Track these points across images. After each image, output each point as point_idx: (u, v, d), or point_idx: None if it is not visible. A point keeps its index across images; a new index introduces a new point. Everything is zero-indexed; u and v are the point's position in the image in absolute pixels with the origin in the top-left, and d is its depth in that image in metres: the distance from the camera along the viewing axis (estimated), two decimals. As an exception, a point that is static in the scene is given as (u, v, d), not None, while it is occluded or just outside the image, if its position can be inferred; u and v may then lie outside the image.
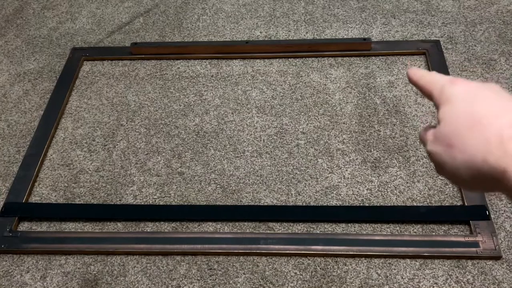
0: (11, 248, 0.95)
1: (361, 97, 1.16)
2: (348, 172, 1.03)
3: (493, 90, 0.34)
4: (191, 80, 1.25)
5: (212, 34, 1.37)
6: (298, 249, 0.91)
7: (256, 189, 1.01)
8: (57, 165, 1.09)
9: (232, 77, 1.24)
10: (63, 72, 1.29)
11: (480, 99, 0.33)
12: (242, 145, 1.09)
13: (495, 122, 0.30)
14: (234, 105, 1.18)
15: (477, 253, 0.88)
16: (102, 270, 0.92)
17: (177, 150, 1.10)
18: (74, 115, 1.19)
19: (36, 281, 0.91)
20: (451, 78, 0.37)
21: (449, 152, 0.33)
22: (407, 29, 1.32)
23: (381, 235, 0.92)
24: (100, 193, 1.03)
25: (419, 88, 0.40)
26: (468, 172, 0.32)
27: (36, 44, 1.39)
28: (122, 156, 1.10)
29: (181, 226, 0.97)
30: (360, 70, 1.22)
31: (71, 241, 0.95)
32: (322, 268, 0.89)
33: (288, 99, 1.18)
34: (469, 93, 0.34)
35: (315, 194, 1.00)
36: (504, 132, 0.30)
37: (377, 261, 0.89)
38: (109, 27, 1.42)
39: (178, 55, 1.30)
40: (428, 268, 0.88)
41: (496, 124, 0.30)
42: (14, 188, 1.04)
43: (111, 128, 1.16)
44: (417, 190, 0.99)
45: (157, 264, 0.92)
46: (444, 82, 0.36)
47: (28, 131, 1.16)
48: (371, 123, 1.11)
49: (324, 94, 1.18)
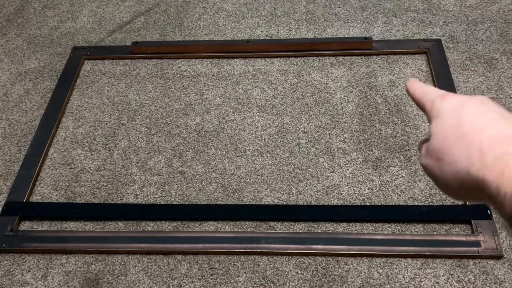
0: (12, 247, 0.95)
1: (362, 96, 1.16)
2: (349, 171, 1.02)
3: (481, 103, 0.35)
4: (192, 79, 1.25)
5: (213, 33, 1.36)
6: (299, 248, 0.91)
7: (257, 188, 1.01)
8: (58, 164, 1.09)
9: (233, 76, 1.24)
10: (64, 71, 1.29)
11: (467, 113, 0.34)
12: (243, 144, 1.09)
13: (479, 135, 0.32)
14: (235, 104, 1.18)
15: (478, 252, 0.88)
16: (103, 269, 0.92)
17: (178, 149, 1.10)
18: (75, 114, 1.19)
19: (37, 280, 0.91)
20: (442, 93, 0.38)
21: (439, 165, 0.35)
22: (409, 28, 1.31)
23: (382, 234, 0.92)
24: (101, 192, 1.03)
25: (414, 100, 0.41)
26: (456, 184, 0.34)
27: (37, 43, 1.39)
28: (123, 155, 1.10)
29: (182, 225, 0.97)
30: (361, 69, 1.22)
31: (72, 240, 0.95)
32: (323, 267, 0.89)
33: (289, 98, 1.18)
34: (457, 107, 0.35)
35: (316, 194, 1.00)
36: (484, 144, 0.31)
37: (378, 260, 0.89)
38: (110, 26, 1.42)
39: (179, 54, 1.30)
40: (430, 267, 0.88)
41: (479, 137, 0.32)
42: (15, 187, 1.04)
43: (112, 127, 1.16)
44: (418, 189, 0.98)
45: (158, 263, 0.92)
46: (435, 97, 0.38)
47: (29, 130, 1.16)
48: (372, 122, 1.11)
49: (325, 93, 1.18)
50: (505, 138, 0.31)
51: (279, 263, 0.90)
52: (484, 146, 0.31)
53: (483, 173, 0.30)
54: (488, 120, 0.33)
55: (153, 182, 1.04)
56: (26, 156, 1.10)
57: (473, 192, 0.33)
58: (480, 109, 0.34)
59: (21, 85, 1.28)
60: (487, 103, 0.35)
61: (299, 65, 1.25)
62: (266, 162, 1.06)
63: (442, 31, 1.29)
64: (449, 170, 0.33)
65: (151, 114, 1.17)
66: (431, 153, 0.36)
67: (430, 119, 0.38)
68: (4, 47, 1.39)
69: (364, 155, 1.05)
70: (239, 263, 0.91)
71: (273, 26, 1.36)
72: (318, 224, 0.95)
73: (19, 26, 1.45)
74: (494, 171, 0.30)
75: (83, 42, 1.38)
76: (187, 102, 1.19)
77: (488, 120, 0.33)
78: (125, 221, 0.98)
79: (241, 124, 1.13)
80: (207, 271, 0.90)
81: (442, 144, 0.34)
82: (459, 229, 0.92)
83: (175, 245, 0.93)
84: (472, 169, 0.31)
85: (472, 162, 0.31)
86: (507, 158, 0.30)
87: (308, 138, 1.09)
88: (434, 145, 0.35)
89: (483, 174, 0.31)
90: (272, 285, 0.88)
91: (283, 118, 1.13)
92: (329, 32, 1.33)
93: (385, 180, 1.00)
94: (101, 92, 1.24)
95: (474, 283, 0.85)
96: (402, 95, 1.15)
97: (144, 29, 1.40)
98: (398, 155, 1.04)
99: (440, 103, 0.37)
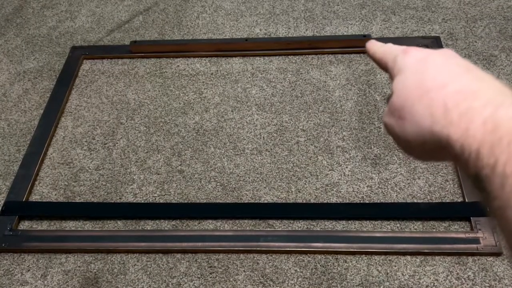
0: (12, 247, 0.95)
1: (361, 94, 1.16)
2: (348, 169, 1.02)
3: (445, 56, 0.33)
4: (191, 78, 1.25)
5: (211, 32, 1.36)
6: (298, 246, 0.91)
7: (256, 186, 1.01)
8: (57, 163, 1.09)
9: (231, 74, 1.24)
10: (63, 70, 1.29)
11: (430, 68, 0.32)
12: (242, 142, 1.09)
13: (442, 91, 0.30)
14: (234, 103, 1.17)
15: (477, 249, 0.87)
16: (103, 268, 0.92)
17: (177, 148, 1.10)
18: (74, 114, 1.19)
19: (36, 280, 0.91)
20: (404, 48, 0.36)
21: (401, 124, 0.33)
22: (407, 25, 1.31)
23: (382, 232, 0.92)
24: (100, 192, 1.03)
25: (376, 61, 0.39)
26: (419, 144, 0.32)
27: (36, 43, 1.39)
28: (122, 154, 1.10)
29: (181, 224, 0.97)
30: (360, 67, 1.22)
31: (71, 239, 0.95)
32: (322, 265, 0.89)
33: (288, 96, 1.18)
34: (420, 62, 0.33)
35: (315, 192, 1.00)
36: (448, 101, 0.29)
37: (377, 258, 0.89)
38: (109, 25, 1.42)
39: (178, 53, 1.30)
40: (429, 264, 0.88)
41: (442, 94, 0.30)
42: (14, 187, 1.04)
43: (111, 126, 1.16)
44: (417, 186, 0.98)
45: (157, 262, 0.92)
46: (398, 52, 0.36)
47: (28, 130, 1.17)
48: (371, 120, 1.11)
49: (324, 91, 1.17)
50: (470, 92, 0.29)
51: (278, 261, 0.90)
52: (448, 103, 0.29)
53: (447, 131, 0.28)
54: (452, 75, 0.31)
55: (152, 181, 1.04)
56: (25, 155, 1.10)
57: (436, 152, 0.31)
58: (443, 63, 0.32)
59: (20, 85, 1.28)
60: (451, 56, 0.33)
61: (298, 63, 1.25)
62: (265, 161, 1.05)
63: (441, 28, 1.29)
64: (411, 129, 0.32)
65: (150, 113, 1.17)
66: (392, 112, 0.34)
67: (393, 77, 0.35)
68: (3, 47, 1.39)
69: (363, 153, 1.05)
70: (238, 261, 0.91)
71: (272, 24, 1.36)
72: (317, 222, 0.95)
73: (17, 26, 1.45)
74: (458, 128, 0.28)
75: (81, 42, 1.38)
76: (186, 101, 1.19)
77: (452, 75, 0.31)
78: (124, 220, 0.98)
79: (240, 123, 1.13)
80: (206, 269, 0.90)
81: (404, 102, 0.32)
82: (458, 226, 0.92)
83: (174, 243, 0.93)
84: (436, 128, 0.29)
85: (435, 120, 0.29)
86: (471, 114, 0.28)
87: (307, 136, 1.09)
88: (395, 103, 0.33)
89: (447, 132, 0.28)
90: (271, 283, 0.88)
91: (282, 117, 1.13)
92: (328, 30, 1.33)
93: (384, 177, 1.00)
94: (100, 91, 1.24)
95: (473, 280, 0.85)
96: (401, 92, 1.15)
97: (142, 28, 1.40)
98: (397, 152, 1.04)
99: (402, 59, 0.35)
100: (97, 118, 1.18)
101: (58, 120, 1.18)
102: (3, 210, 1.00)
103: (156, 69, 1.28)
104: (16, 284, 0.91)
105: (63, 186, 1.05)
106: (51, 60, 1.34)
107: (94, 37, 1.39)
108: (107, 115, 1.18)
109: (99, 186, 1.04)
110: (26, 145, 1.12)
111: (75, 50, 1.34)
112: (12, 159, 1.11)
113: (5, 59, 1.35)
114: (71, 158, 1.10)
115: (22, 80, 1.29)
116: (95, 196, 1.03)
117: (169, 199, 1.01)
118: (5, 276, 0.92)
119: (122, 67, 1.29)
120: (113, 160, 1.09)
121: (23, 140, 1.15)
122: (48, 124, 1.16)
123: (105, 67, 1.30)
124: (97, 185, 1.05)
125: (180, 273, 0.90)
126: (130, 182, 1.04)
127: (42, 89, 1.26)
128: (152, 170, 1.06)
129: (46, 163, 1.10)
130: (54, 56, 1.35)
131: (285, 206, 0.98)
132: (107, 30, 1.41)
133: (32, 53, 1.36)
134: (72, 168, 1.08)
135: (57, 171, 1.08)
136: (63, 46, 1.37)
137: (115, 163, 1.08)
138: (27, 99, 1.24)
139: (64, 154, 1.11)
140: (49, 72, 1.30)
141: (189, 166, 1.06)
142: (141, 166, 1.07)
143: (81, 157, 1.10)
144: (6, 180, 1.07)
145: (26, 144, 1.13)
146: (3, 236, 0.96)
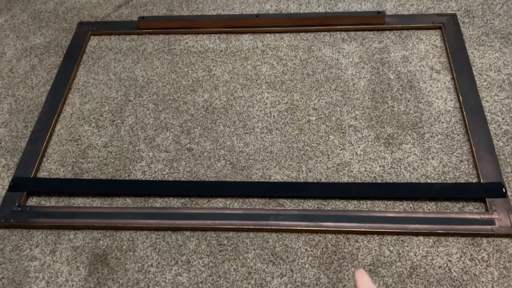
0: (20, 222, 0.94)
1: (374, 72, 1.13)
2: (360, 148, 1.00)
3: None
4: (200, 55, 1.22)
5: (221, 8, 1.33)
6: (308, 225, 0.89)
7: (266, 165, 1.00)
8: (65, 140, 1.08)
9: (241, 52, 1.21)
10: (70, 47, 1.27)
11: None
12: (252, 121, 1.07)
13: None
14: (243, 81, 1.15)
15: (492, 230, 0.86)
16: (111, 245, 0.91)
17: (186, 126, 1.08)
18: (81, 90, 1.18)
19: (45, 255, 0.91)
20: None
21: None
22: (423, 2, 1.27)
23: (394, 212, 0.90)
24: (109, 169, 1.02)
25: None
26: None
27: (42, 18, 1.37)
28: (130, 131, 1.08)
29: (190, 202, 0.96)
30: (373, 44, 1.19)
31: (80, 216, 0.94)
32: (333, 244, 0.88)
33: (299, 74, 1.15)
34: None
35: (326, 171, 0.98)
36: None
37: (389, 238, 0.88)
38: (116, 1, 1.39)
39: (187, 29, 1.27)
40: (442, 245, 0.86)
41: None
42: (22, 163, 1.03)
43: (119, 103, 1.14)
44: (431, 167, 0.96)
45: (166, 239, 0.91)
46: None
47: (35, 106, 1.15)
48: (384, 99, 1.08)
49: (336, 69, 1.15)
50: None
51: (289, 240, 0.89)
52: None
53: None
54: None
55: (161, 158, 1.03)
56: (33, 132, 1.09)
57: None
58: None
59: (27, 61, 1.26)
60: None
61: (309, 40, 1.22)
62: (275, 139, 1.04)
63: (457, 5, 1.25)
64: None
65: (158, 91, 1.15)
66: None
67: None
68: (9, 23, 1.37)
69: (376, 132, 1.02)
70: (248, 239, 0.90)
71: (283, 1, 1.33)
72: (328, 202, 0.94)
73: (24, 1, 1.43)
74: None
75: (89, 18, 1.35)
76: (195, 78, 1.17)
77: None
78: (133, 197, 0.98)
79: (249, 101, 1.11)
80: (216, 247, 0.89)
81: None
82: (472, 207, 0.90)
83: (183, 221, 0.92)
84: None
85: None
86: None
87: (319, 115, 1.07)
88: None
89: None
90: (281, 261, 0.87)
91: (292, 95, 1.11)
92: (341, 7, 1.29)
93: (397, 157, 0.98)
94: (108, 68, 1.22)
95: (487, 261, 0.83)
96: (415, 71, 1.12)
97: (150, 3, 1.37)
98: (410, 132, 1.02)
99: None
100: (105, 95, 1.16)
101: (66, 97, 1.16)
102: (11, 186, 1.00)
103: (164, 46, 1.25)
104: (25, 259, 0.91)
105: (71, 163, 1.04)
106: (58, 36, 1.31)
107: (101, 13, 1.36)
108: (115, 92, 1.16)
109: (107, 163, 1.03)
110: (34, 122, 1.11)
111: (82, 26, 1.31)
112: (19, 135, 1.10)
113: (12, 35, 1.33)
114: (79, 135, 1.09)
115: (29, 56, 1.27)
116: (103, 173, 1.02)
117: (178, 177, 1.00)
118: (14, 252, 0.92)
119: (130, 43, 1.27)
120: (122, 137, 1.07)
121: (30, 116, 1.13)
122: (56, 101, 1.14)
123: (112, 43, 1.28)
124: (105, 162, 1.03)
125: (189, 250, 0.89)
126: (138, 159, 1.03)
127: (49, 65, 1.24)
128: (161, 148, 1.05)
129: (54, 139, 1.09)
130: (61, 32, 1.32)
131: (296, 185, 0.96)
132: (114, 6, 1.38)
133: (38, 29, 1.34)
134: (80, 145, 1.07)
135: (65, 148, 1.07)
136: (70, 21, 1.35)
137: (123, 140, 1.07)
138: (34, 75, 1.22)
139: (72, 130, 1.10)
140: (56, 48, 1.28)
141: (198, 144, 1.04)
142: (150, 144, 1.05)
143: (89, 134, 1.09)
144: (14, 156, 1.06)
145: (34, 121, 1.12)
146: (11, 211, 0.96)
